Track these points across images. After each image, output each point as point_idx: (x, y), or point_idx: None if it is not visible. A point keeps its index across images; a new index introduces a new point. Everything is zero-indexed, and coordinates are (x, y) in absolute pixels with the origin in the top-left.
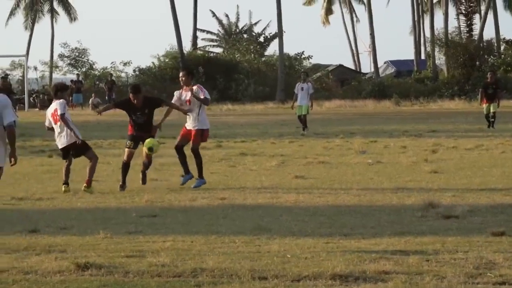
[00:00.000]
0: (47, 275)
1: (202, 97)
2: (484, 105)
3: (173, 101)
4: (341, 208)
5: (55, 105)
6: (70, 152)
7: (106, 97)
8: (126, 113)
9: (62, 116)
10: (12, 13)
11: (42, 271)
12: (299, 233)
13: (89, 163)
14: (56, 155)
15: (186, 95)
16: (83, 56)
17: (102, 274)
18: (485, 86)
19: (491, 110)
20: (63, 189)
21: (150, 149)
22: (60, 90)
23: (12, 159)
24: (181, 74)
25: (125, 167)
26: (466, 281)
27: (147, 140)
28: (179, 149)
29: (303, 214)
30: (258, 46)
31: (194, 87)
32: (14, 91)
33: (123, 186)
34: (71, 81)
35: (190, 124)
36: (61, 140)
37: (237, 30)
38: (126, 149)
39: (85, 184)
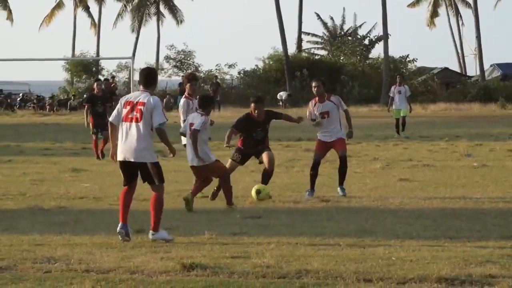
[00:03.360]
0: (153, 275)
1: (344, 108)
2: None
3: (308, 114)
4: (446, 211)
5: (197, 117)
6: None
7: None
8: (243, 133)
9: (195, 132)
10: (119, 15)
11: (148, 271)
12: (404, 235)
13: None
14: (161, 156)
15: (322, 107)
16: (188, 59)
17: (207, 274)
18: None
19: None
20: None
21: (258, 191)
22: (206, 102)
23: (171, 154)
24: (314, 83)
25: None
26: None
27: (262, 186)
28: (316, 164)
29: (408, 217)
30: (363, 49)
31: (334, 98)
32: (116, 93)
33: (215, 195)
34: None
35: (329, 136)
36: (188, 156)
37: (342, 33)
38: (230, 160)
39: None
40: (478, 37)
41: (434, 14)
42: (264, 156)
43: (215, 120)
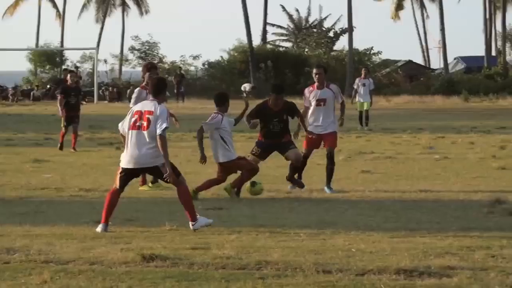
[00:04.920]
0: (112, 265)
1: (341, 100)
2: None
3: (304, 101)
4: (407, 203)
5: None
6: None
7: (175, 90)
8: (261, 124)
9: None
10: (84, 6)
11: (107, 261)
12: (364, 227)
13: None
14: (123, 147)
15: (320, 93)
16: (153, 50)
17: (167, 265)
18: None
19: None
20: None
21: (253, 183)
22: (222, 99)
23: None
24: (316, 70)
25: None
26: None
27: (259, 186)
28: (305, 159)
29: (369, 208)
30: (328, 41)
31: (334, 87)
32: (80, 84)
33: (237, 193)
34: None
35: (321, 128)
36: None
37: (307, 25)
38: (250, 155)
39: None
40: (443, 30)
41: (399, 7)
42: (291, 156)
43: (179, 111)
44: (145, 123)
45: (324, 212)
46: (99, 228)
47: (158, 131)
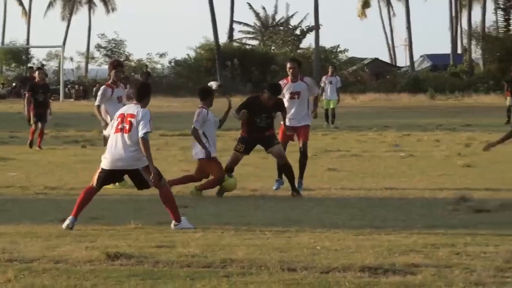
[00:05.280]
0: (77, 264)
1: (316, 93)
2: (508, 98)
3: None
4: (372, 201)
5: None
6: None
7: None
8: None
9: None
10: (50, 4)
11: (72, 260)
12: (330, 225)
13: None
14: (89, 145)
15: (294, 86)
16: (119, 48)
17: (132, 264)
18: (510, 80)
19: None
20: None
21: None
22: (206, 94)
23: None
24: (290, 64)
25: (228, 172)
26: (496, 274)
27: (232, 181)
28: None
29: (334, 206)
30: (294, 39)
31: (308, 79)
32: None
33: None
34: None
35: (294, 120)
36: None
37: (274, 23)
38: (233, 152)
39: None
40: (409, 28)
41: (366, 4)
42: (274, 152)
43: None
44: (127, 126)
45: (289, 210)
46: (67, 221)
47: (140, 134)
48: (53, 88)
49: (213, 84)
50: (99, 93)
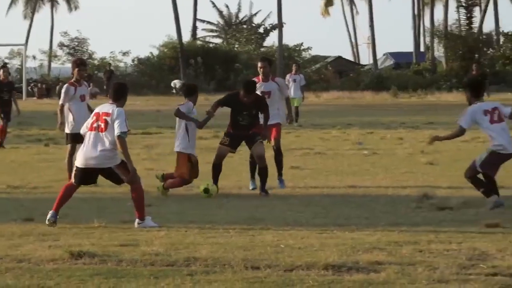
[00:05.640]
0: (40, 263)
1: (286, 95)
2: None
3: None
4: (336, 199)
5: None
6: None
7: (105, 87)
8: (230, 113)
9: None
10: (13, 2)
11: (35, 259)
12: (294, 223)
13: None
14: (52, 143)
15: (265, 86)
16: (82, 46)
17: (95, 262)
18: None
19: None
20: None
21: (206, 190)
22: (191, 90)
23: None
24: (261, 64)
25: (216, 168)
26: (459, 272)
27: (209, 186)
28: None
29: (298, 204)
30: (258, 37)
31: (279, 80)
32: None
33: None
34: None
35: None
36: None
37: (237, 21)
38: (219, 146)
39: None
40: (372, 26)
41: (329, 3)
42: (254, 151)
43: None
44: (102, 125)
45: (253, 208)
46: (48, 215)
47: (117, 132)
48: (16, 86)
49: (176, 83)
50: (62, 91)
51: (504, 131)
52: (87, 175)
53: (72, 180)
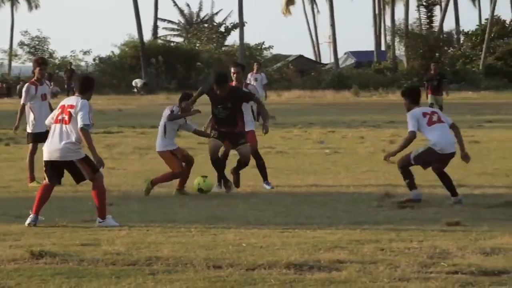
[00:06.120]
0: (1, 263)
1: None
2: (429, 96)
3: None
4: (297, 198)
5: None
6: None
7: (66, 86)
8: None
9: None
10: None
11: None
12: (255, 222)
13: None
14: (13, 143)
15: None
16: (43, 45)
17: (56, 262)
18: (430, 78)
19: (437, 104)
20: None
21: (200, 190)
22: (187, 97)
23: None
24: (234, 69)
25: (215, 163)
26: (420, 270)
27: (202, 181)
28: (225, 157)
29: (260, 203)
30: (219, 36)
31: (251, 87)
32: None
33: (228, 185)
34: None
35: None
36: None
37: (198, 20)
38: (209, 140)
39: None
40: (333, 25)
41: (290, 1)
42: (241, 153)
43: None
44: (66, 117)
45: (215, 207)
46: (28, 219)
47: (80, 124)
48: None
49: (138, 82)
50: (23, 90)
51: (443, 131)
52: (55, 169)
53: (46, 179)
